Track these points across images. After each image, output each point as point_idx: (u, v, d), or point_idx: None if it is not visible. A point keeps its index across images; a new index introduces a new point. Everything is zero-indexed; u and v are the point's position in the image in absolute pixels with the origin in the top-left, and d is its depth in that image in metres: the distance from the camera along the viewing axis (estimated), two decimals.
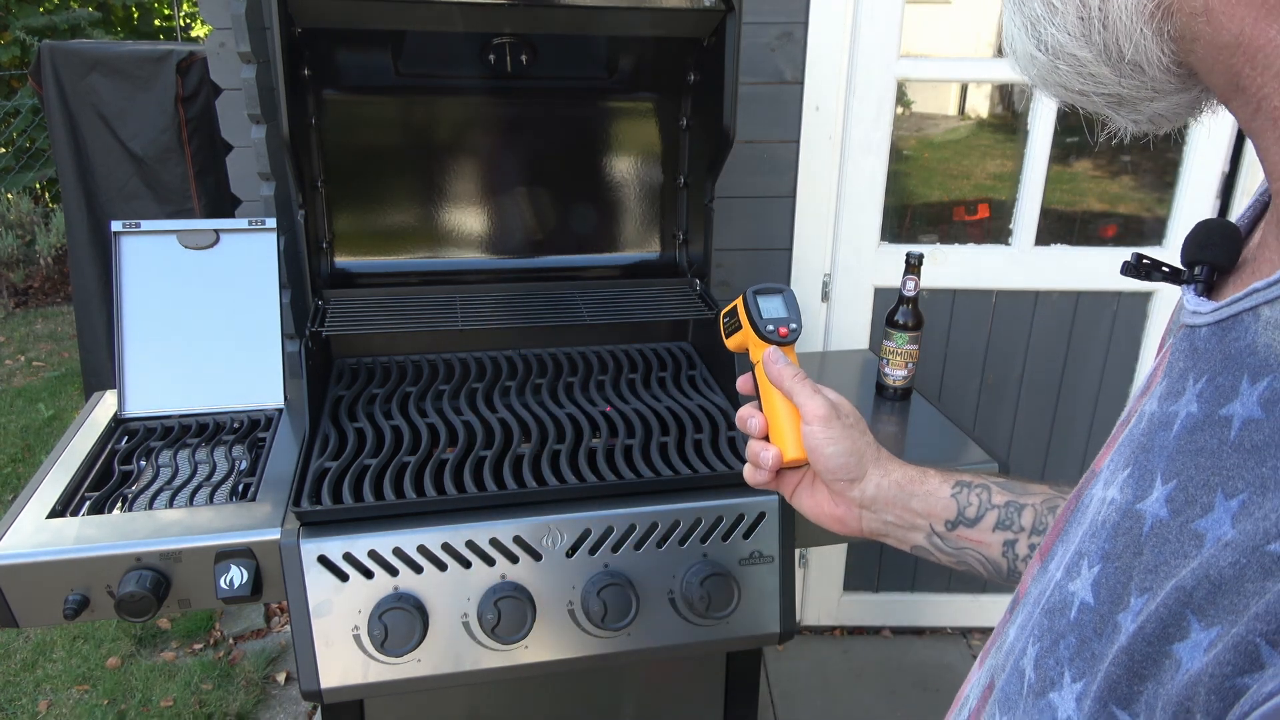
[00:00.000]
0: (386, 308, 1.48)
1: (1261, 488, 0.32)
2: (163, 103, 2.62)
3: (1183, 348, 0.41)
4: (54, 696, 2.24)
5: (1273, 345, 0.34)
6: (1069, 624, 0.41)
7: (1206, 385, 0.38)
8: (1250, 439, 0.34)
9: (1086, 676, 0.38)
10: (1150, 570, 0.36)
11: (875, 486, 0.75)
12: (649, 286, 1.62)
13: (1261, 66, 0.35)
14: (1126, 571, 0.38)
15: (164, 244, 1.42)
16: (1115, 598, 0.38)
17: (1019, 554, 0.71)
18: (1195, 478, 0.36)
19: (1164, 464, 0.38)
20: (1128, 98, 0.41)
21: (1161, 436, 0.40)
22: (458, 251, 1.63)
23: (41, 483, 1.22)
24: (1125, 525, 0.39)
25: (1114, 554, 0.39)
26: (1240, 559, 0.31)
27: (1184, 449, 0.37)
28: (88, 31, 5.63)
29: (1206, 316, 0.40)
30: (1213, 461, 0.35)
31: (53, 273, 5.30)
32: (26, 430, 3.64)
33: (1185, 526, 0.35)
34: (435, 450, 1.26)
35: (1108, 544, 0.40)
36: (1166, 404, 0.41)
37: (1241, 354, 0.36)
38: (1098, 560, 0.41)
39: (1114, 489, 0.42)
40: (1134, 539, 0.38)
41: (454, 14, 1.36)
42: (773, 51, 1.77)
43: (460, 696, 1.37)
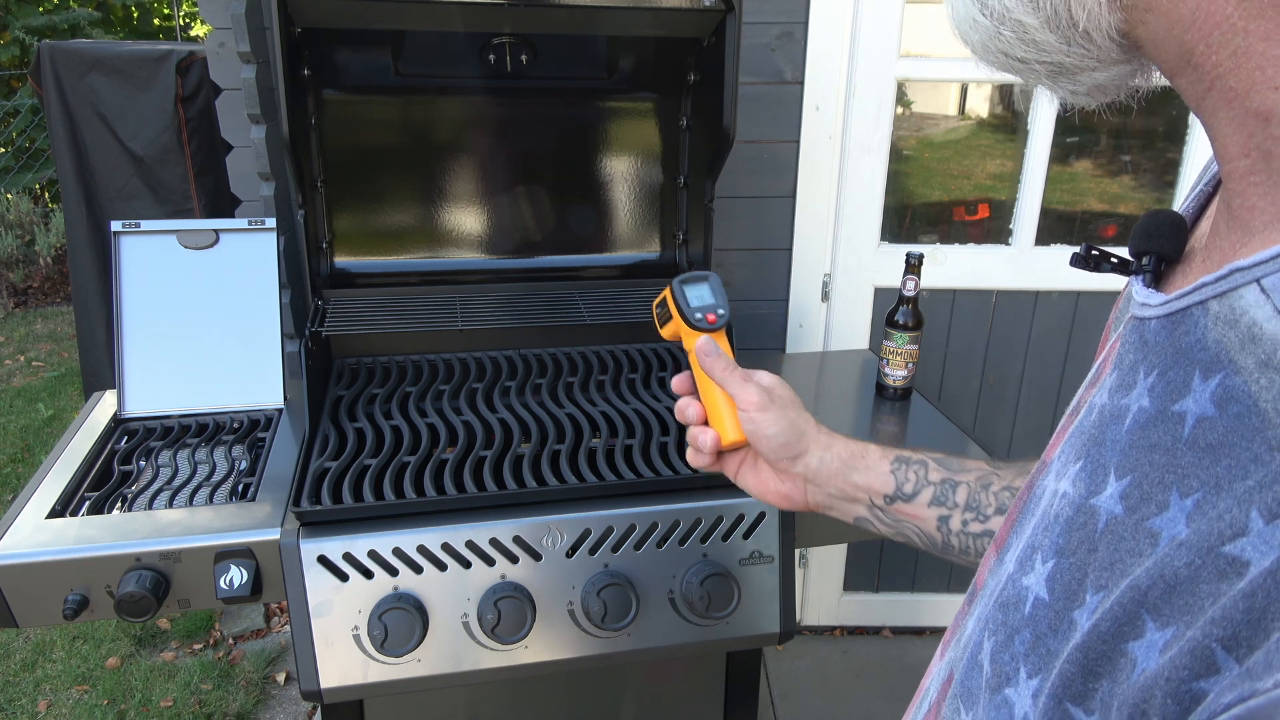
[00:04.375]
0: (386, 308, 1.48)
1: (1215, 487, 0.32)
2: (163, 103, 2.62)
3: (1132, 339, 0.41)
4: (54, 696, 2.24)
5: (1223, 342, 0.34)
6: (1024, 619, 0.41)
7: (1158, 379, 0.37)
8: (1204, 437, 0.34)
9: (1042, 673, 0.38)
10: (1106, 567, 0.36)
11: (818, 461, 0.77)
12: (649, 286, 1.62)
13: (1217, 44, 0.34)
14: (1082, 568, 0.38)
15: (164, 244, 1.42)
16: (1070, 594, 0.38)
17: (952, 529, 0.73)
18: (1150, 475, 0.36)
19: (1117, 459, 0.38)
20: (1069, 67, 0.40)
21: (1113, 430, 0.39)
22: (458, 251, 1.63)
23: (41, 483, 1.22)
24: (1079, 521, 0.39)
25: (1068, 549, 0.39)
26: (1195, 559, 0.31)
27: (1137, 444, 0.37)
28: (87, 31, 5.63)
29: (1155, 309, 0.39)
30: (1167, 459, 0.35)
31: (52, 273, 5.30)
32: (26, 430, 3.64)
33: (1140, 524, 0.35)
34: (435, 450, 1.26)
35: (1061, 539, 0.40)
36: (1117, 397, 0.40)
37: (1192, 349, 0.36)
38: (1051, 555, 0.41)
39: (1066, 482, 0.42)
40: (1088, 535, 0.38)
41: (454, 14, 1.36)
42: (773, 51, 1.77)
43: (460, 696, 1.37)
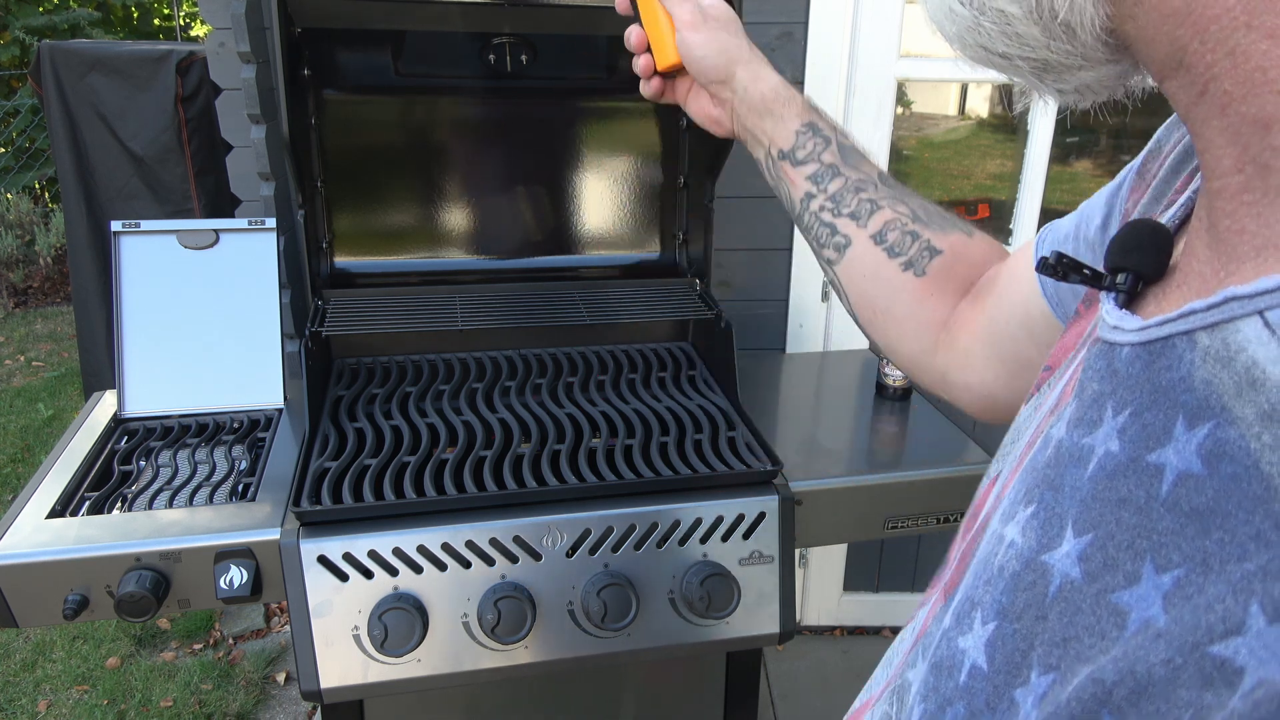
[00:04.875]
0: (386, 308, 1.48)
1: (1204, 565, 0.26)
2: (163, 103, 2.62)
3: (1099, 367, 0.35)
4: (54, 697, 2.24)
5: (1213, 383, 0.28)
6: (957, 689, 0.35)
7: (1130, 421, 0.32)
8: (1189, 500, 0.28)
9: None
10: (1058, 643, 0.31)
11: (743, 89, 0.79)
12: (649, 286, 1.62)
13: (1214, 41, 0.30)
14: (1028, 638, 0.33)
15: (164, 244, 1.42)
16: (1013, 668, 0.33)
17: (810, 208, 0.76)
18: (1116, 536, 0.30)
19: (1076, 510, 0.33)
20: (1054, 64, 0.36)
21: (1073, 475, 0.34)
22: (458, 251, 1.63)
23: (41, 483, 1.22)
24: (1027, 579, 0.34)
25: (1013, 612, 0.34)
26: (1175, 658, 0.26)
27: (1101, 496, 0.32)
28: (87, 31, 5.63)
29: (1131, 334, 0.34)
30: (1140, 520, 0.29)
31: (52, 273, 5.30)
32: (26, 430, 3.64)
33: (1103, 596, 0.30)
34: (435, 450, 1.26)
35: (1005, 598, 0.35)
36: (1078, 433, 0.35)
37: (1175, 387, 0.30)
38: (993, 616, 0.35)
39: (1014, 528, 0.36)
40: (1037, 598, 0.33)
41: (454, 14, 1.36)
42: (773, 51, 1.77)
43: (460, 696, 1.37)
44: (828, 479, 1.27)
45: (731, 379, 1.44)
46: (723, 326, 1.46)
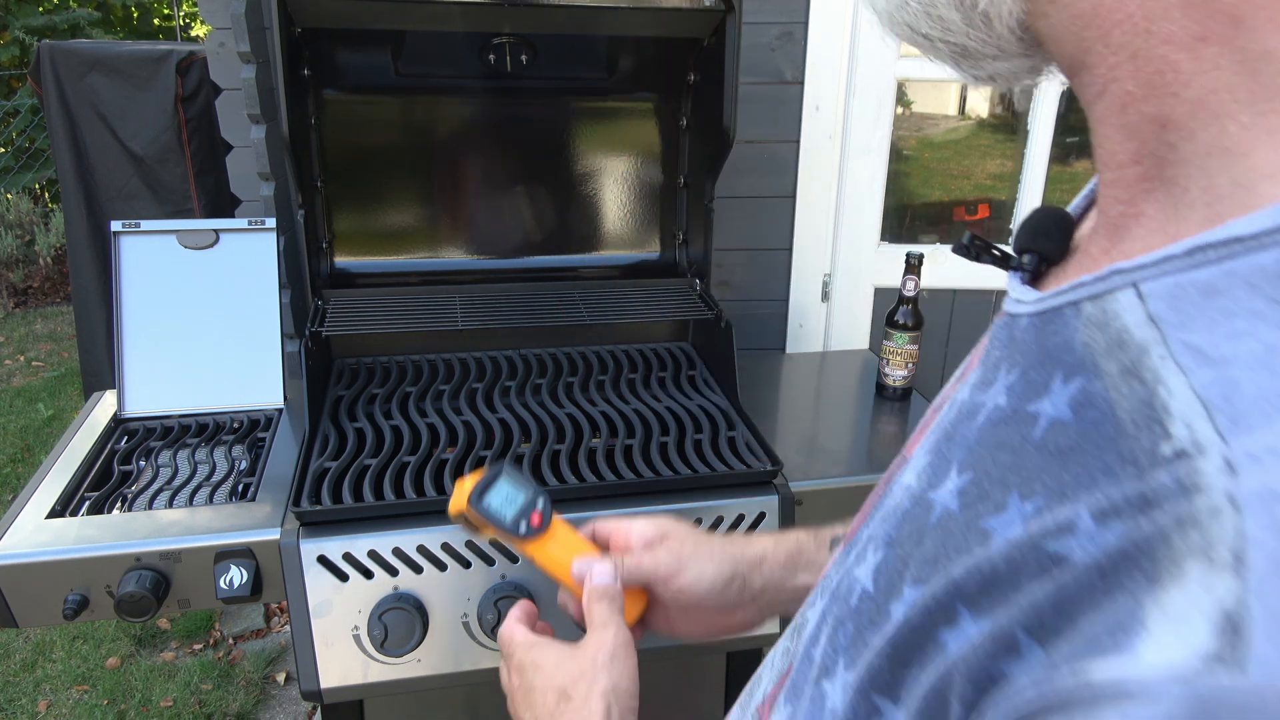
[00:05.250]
0: (386, 308, 1.48)
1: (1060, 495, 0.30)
2: (163, 103, 2.62)
3: (1001, 336, 0.39)
4: (54, 697, 2.24)
5: (1090, 344, 0.32)
6: (849, 611, 0.40)
7: (1019, 379, 0.36)
8: (1055, 441, 0.32)
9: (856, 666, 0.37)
10: (929, 561, 0.35)
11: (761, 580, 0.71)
12: (649, 286, 1.62)
13: (1116, 45, 0.32)
14: (905, 560, 0.37)
15: (164, 244, 1.42)
16: (891, 586, 0.37)
17: None
18: (991, 473, 0.34)
19: (962, 455, 0.37)
20: (971, 51, 0.38)
21: (966, 426, 0.38)
22: (458, 251, 1.63)
23: (41, 483, 1.22)
24: (915, 513, 0.38)
25: (898, 541, 0.38)
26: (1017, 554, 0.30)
27: (985, 441, 0.36)
28: (87, 31, 5.63)
29: (1028, 306, 0.38)
30: (1013, 459, 0.33)
31: (52, 273, 5.30)
32: (26, 430, 3.64)
33: (973, 522, 0.33)
34: (435, 450, 1.26)
35: (894, 531, 0.39)
36: (977, 393, 0.39)
37: (1058, 350, 0.34)
38: (882, 546, 0.40)
39: (911, 475, 0.41)
40: (919, 527, 0.37)
41: (454, 14, 1.36)
42: (773, 51, 1.77)
43: (460, 696, 1.37)
44: (828, 479, 1.27)
45: (731, 379, 1.44)
46: (723, 326, 1.46)
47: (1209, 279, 0.29)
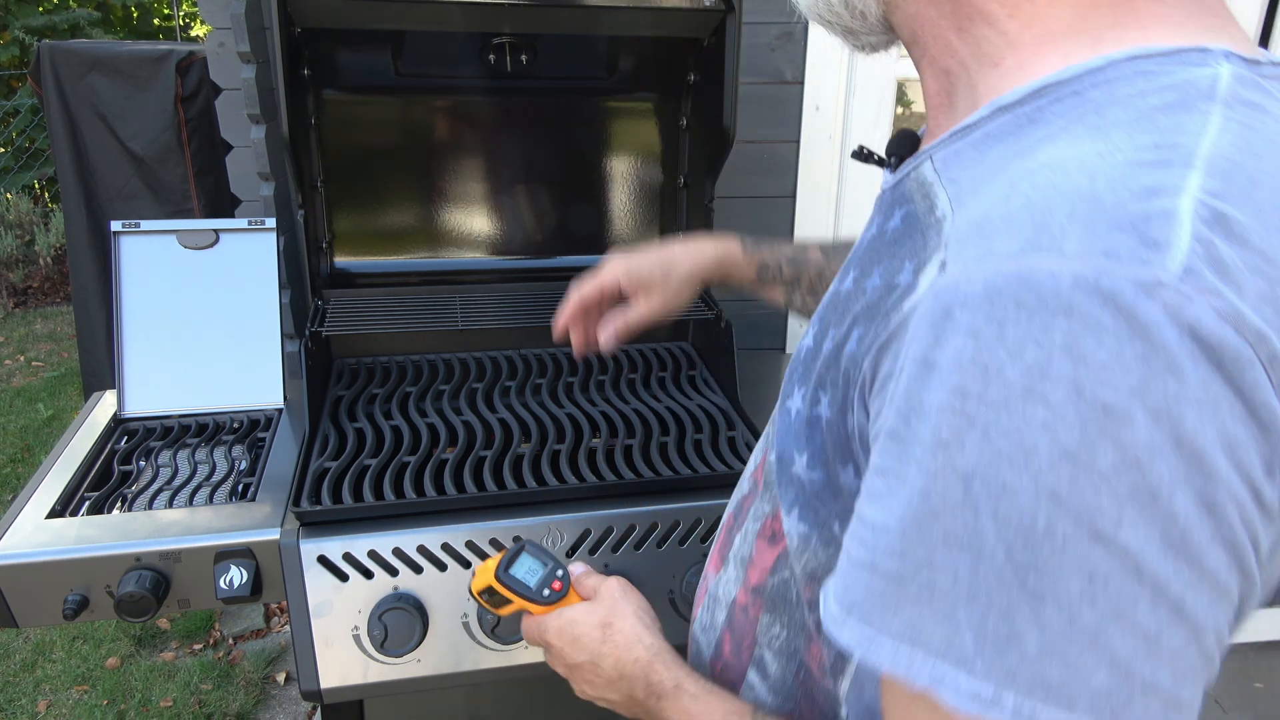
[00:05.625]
0: (386, 308, 1.48)
1: (892, 256, 0.54)
2: (162, 103, 2.62)
3: (879, 204, 0.61)
4: (53, 697, 2.24)
5: (911, 190, 0.55)
6: (799, 362, 0.62)
7: (880, 218, 0.59)
8: (892, 236, 0.55)
9: (805, 383, 0.59)
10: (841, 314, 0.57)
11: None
12: None
13: (929, 32, 0.55)
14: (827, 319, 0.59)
15: (164, 244, 1.42)
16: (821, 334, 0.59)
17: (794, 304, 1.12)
18: (865, 263, 0.57)
19: (858, 261, 0.60)
20: (854, 30, 0.61)
21: (857, 250, 0.61)
22: (458, 251, 1.63)
23: (41, 483, 1.22)
24: (829, 301, 0.61)
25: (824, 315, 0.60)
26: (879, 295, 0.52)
27: (865, 250, 0.59)
28: (87, 31, 5.63)
29: (890, 181, 0.60)
30: (874, 252, 0.57)
31: (52, 273, 5.30)
32: (26, 430, 3.64)
33: (859, 287, 0.56)
34: (435, 450, 1.26)
35: (821, 313, 0.61)
36: (864, 234, 0.62)
37: (899, 199, 0.57)
38: (816, 323, 0.61)
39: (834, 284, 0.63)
40: (836, 301, 0.59)
41: (454, 14, 1.36)
42: (773, 51, 1.77)
43: (460, 696, 1.37)
44: None
45: (731, 379, 1.44)
46: (723, 326, 1.46)
47: (958, 147, 0.51)
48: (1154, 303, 0.36)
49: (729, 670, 0.70)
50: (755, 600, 0.66)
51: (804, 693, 0.64)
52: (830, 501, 0.56)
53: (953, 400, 0.39)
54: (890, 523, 0.42)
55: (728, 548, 0.72)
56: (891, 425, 0.43)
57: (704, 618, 0.75)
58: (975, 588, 0.39)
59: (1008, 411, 0.38)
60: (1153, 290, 0.36)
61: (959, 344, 0.39)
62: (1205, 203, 0.38)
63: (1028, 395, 0.37)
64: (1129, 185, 0.39)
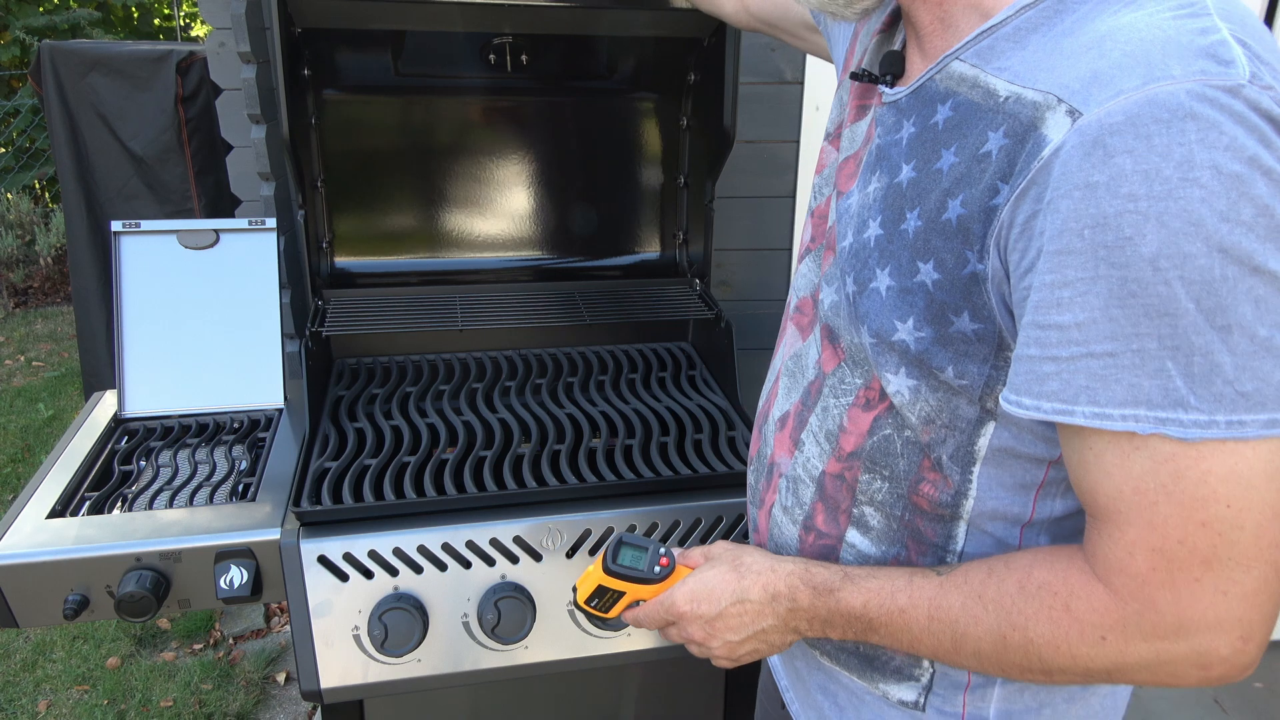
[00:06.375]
0: (386, 308, 1.48)
1: (965, 138, 0.63)
2: (163, 103, 2.62)
3: (890, 113, 0.73)
4: (54, 696, 2.24)
5: (948, 85, 0.66)
6: (871, 249, 0.70)
7: (917, 120, 0.69)
8: (948, 124, 0.65)
9: (892, 263, 0.68)
10: (915, 198, 0.66)
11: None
12: (649, 286, 1.62)
13: None
14: (898, 206, 0.68)
15: (164, 244, 1.42)
16: (894, 221, 0.68)
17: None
18: (926, 151, 0.67)
19: (903, 157, 0.69)
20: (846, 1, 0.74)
21: (896, 150, 0.70)
22: (458, 251, 1.63)
23: (41, 483, 1.22)
24: (891, 192, 0.69)
25: (887, 205, 0.69)
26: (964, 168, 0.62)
27: (914, 147, 0.68)
28: (88, 31, 5.62)
29: (904, 91, 0.71)
30: (932, 144, 0.66)
31: (53, 273, 5.30)
32: (26, 430, 3.64)
33: (927, 173, 0.66)
34: (435, 450, 1.26)
35: (881, 203, 0.70)
36: (891, 137, 0.72)
37: (932, 97, 0.67)
38: (878, 213, 0.70)
39: (873, 185, 0.72)
40: (898, 193, 0.68)
41: (454, 14, 1.36)
42: (773, 51, 1.77)
43: (460, 696, 1.37)
44: None
45: (731, 379, 1.44)
46: (723, 326, 1.46)
47: (989, 43, 0.63)
48: (1239, 99, 0.51)
49: (823, 537, 0.79)
50: (852, 464, 0.75)
51: (910, 533, 0.74)
52: (940, 351, 0.65)
53: (1126, 205, 0.52)
54: (1094, 316, 0.54)
55: (799, 430, 0.81)
56: (1062, 244, 0.54)
57: (784, 499, 0.83)
58: (1177, 340, 0.52)
59: (1172, 199, 0.51)
60: (1237, 92, 0.51)
61: (1119, 161, 0.52)
62: (1235, 34, 0.54)
63: (1184, 182, 0.51)
64: (1187, 29, 0.54)
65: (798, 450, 0.81)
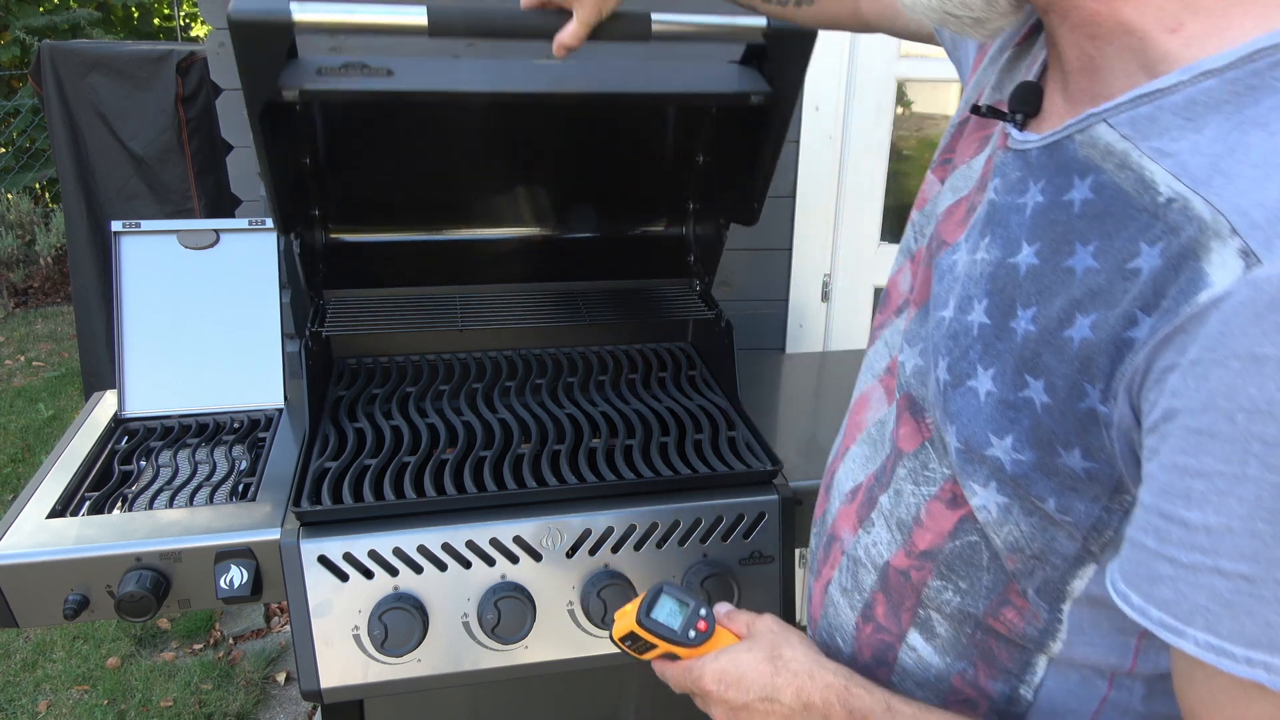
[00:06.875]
0: (386, 308, 1.48)
1: (1107, 236, 0.51)
2: (163, 103, 2.62)
3: (1015, 163, 0.60)
4: (54, 696, 2.24)
5: (1089, 156, 0.53)
6: (973, 339, 0.59)
7: (1046, 185, 0.56)
8: (1089, 212, 0.52)
9: (996, 364, 0.57)
10: (1034, 294, 0.55)
11: None
12: (649, 286, 1.62)
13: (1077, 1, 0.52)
14: (1010, 296, 0.56)
15: (164, 244, 1.42)
16: (1005, 311, 0.57)
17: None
18: (1055, 237, 0.54)
19: (1026, 233, 0.57)
20: (982, 19, 0.58)
21: (1016, 218, 0.58)
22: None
23: (41, 483, 1.22)
24: (1001, 273, 0.58)
25: (996, 290, 0.58)
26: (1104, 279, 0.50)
27: (1040, 222, 0.56)
28: (88, 31, 5.62)
29: (1035, 142, 0.58)
30: (1065, 228, 0.54)
31: (53, 273, 5.30)
32: (26, 430, 3.64)
33: (1056, 266, 0.54)
34: (435, 450, 1.26)
35: (989, 285, 0.59)
36: (1011, 197, 0.59)
37: (1068, 163, 0.55)
38: (984, 297, 0.59)
39: (981, 252, 0.61)
40: (1012, 279, 0.57)
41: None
42: None
43: (460, 696, 1.37)
44: None
45: (731, 379, 1.44)
46: (723, 326, 1.46)
47: (1149, 112, 0.50)
48: None
49: (883, 631, 0.71)
50: (923, 564, 0.66)
51: (980, 652, 0.65)
52: (1042, 480, 0.55)
53: None
54: (1232, 524, 0.43)
55: (869, 508, 0.73)
56: (1205, 423, 0.43)
57: (843, 580, 0.75)
58: None
59: None
60: None
61: None
62: None
63: None
64: None
65: (863, 530, 0.73)
